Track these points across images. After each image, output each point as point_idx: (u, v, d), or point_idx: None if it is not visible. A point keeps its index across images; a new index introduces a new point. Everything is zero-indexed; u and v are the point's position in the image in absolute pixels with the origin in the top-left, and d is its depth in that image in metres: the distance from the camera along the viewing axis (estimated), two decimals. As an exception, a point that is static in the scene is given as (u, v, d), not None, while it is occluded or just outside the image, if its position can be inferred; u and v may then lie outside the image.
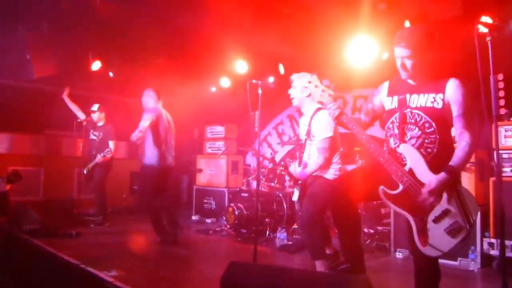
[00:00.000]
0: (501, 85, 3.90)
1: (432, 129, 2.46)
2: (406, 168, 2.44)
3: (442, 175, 2.32)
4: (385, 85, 2.79)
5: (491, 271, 4.00)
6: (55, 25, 5.49)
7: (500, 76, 3.91)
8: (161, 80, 7.67)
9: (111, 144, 6.53)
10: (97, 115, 6.72)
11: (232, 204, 5.95)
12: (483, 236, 4.05)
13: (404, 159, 2.49)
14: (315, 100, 2.78)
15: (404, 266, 4.38)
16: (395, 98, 2.64)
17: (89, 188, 6.77)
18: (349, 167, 6.05)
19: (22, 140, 6.72)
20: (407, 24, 5.06)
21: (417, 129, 2.50)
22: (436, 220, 2.35)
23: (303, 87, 3.71)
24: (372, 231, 5.43)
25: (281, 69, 6.88)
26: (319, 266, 3.67)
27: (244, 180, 6.79)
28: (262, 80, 4.53)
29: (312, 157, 3.74)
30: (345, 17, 5.15)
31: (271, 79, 7.26)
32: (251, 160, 8.05)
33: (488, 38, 2.30)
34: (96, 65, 6.72)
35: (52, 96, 5.51)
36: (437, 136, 2.46)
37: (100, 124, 6.76)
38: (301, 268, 3.74)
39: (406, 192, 2.41)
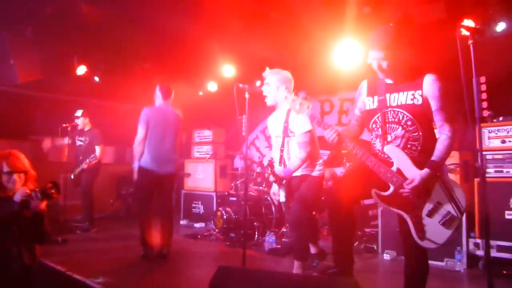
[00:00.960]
0: (483, 87, 3.97)
1: (414, 126, 2.54)
2: (394, 168, 2.52)
3: (425, 170, 2.42)
4: (364, 85, 2.83)
5: (477, 271, 4.05)
6: (39, 29, 5.43)
7: (483, 79, 3.99)
8: (148, 85, 7.63)
9: (98, 149, 6.46)
10: (81, 121, 6.64)
11: (220, 208, 5.93)
12: (468, 236, 4.10)
13: (390, 159, 2.56)
14: (297, 113, 2.78)
15: (391, 267, 4.41)
16: (375, 98, 2.69)
17: (75, 194, 6.68)
18: (337, 170, 6.10)
19: (6, 145, 6.56)
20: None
21: (400, 128, 2.57)
22: (430, 214, 2.45)
23: (279, 83, 3.66)
24: (360, 233, 5.46)
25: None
26: (297, 267, 3.68)
27: (232, 184, 6.79)
28: (249, 84, 4.53)
29: (293, 153, 3.71)
30: (331, 21, 5.19)
31: (258, 83, 7.27)
32: (239, 164, 8.05)
33: (470, 42, 2.34)
34: (81, 70, 6.65)
35: (36, 101, 5.43)
36: (420, 133, 2.54)
37: (86, 129, 6.69)
38: (290, 272, 3.73)
39: (397, 192, 2.49)
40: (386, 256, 4.70)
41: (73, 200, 6.85)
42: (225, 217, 5.76)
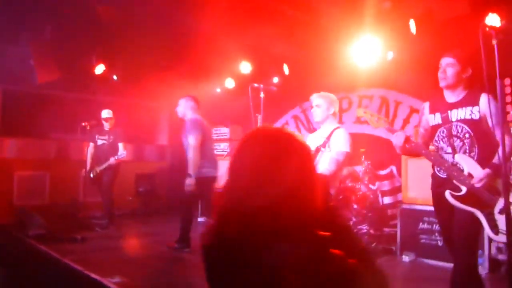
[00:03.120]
0: (508, 90, 3.81)
1: (470, 138, 2.79)
2: (465, 173, 2.73)
3: (487, 170, 2.65)
4: (426, 106, 3.11)
5: (499, 276, 3.91)
6: (57, 30, 5.48)
7: (507, 81, 3.83)
8: (165, 82, 7.67)
9: (121, 146, 6.53)
10: (112, 121, 6.71)
11: (237, 207, 5.90)
12: (491, 240, 3.96)
13: (460, 166, 2.78)
14: (370, 124, 3.15)
15: (410, 270, 4.30)
16: (438, 115, 2.95)
17: (94, 191, 6.77)
18: (357, 168, 5.99)
19: (28, 144, 6.74)
20: (412, 23, 4.99)
21: (458, 140, 2.83)
22: (502, 211, 2.57)
23: (329, 105, 3.86)
24: (378, 233, 5.35)
25: (286, 69, 6.82)
26: None
27: (249, 182, 6.74)
28: (266, 82, 4.48)
29: (321, 166, 3.72)
30: (349, 17, 5.08)
31: (275, 80, 7.20)
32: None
33: (494, 41, 2.22)
34: (99, 69, 6.70)
35: (56, 100, 5.51)
36: (476, 144, 2.77)
37: (107, 128, 6.74)
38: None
39: (470, 192, 2.67)
40: (405, 258, 4.59)
41: (92, 197, 6.95)
42: (242, 215, 5.73)
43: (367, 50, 5.39)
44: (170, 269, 4.29)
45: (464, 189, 2.71)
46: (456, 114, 2.85)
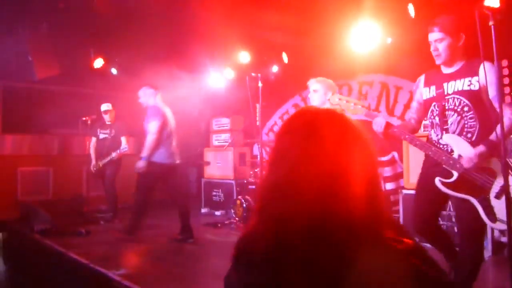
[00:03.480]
0: (505, 71, 3.77)
1: (471, 111, 2.56)
2: (455, 155, 2.55)
3: (480, 147, 2.45)
4: (422, 78, 2.93)
5: (502, 258, 3.92)
6: (54, 25, 5.45)
7: (505, 63, 3.78)
8: (164, 73, 7.64)
9: (124, 140, 6.54)
10: (112, 114, 6.71)
11: (240, 197, 5.93)
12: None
13: (450, 148, 2.61)
14: (347, 111, 2.89)
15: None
16: (433, 88, 2.77)
17: (98, 185, 6.80)
18: (383, 158, 5.97)
19: (30, 140, 6.77)
20: (411, 7, 4.94)
21: (455, 114, 2.61)
22: (498, 196, 2.42)
23: (326, 90, 3.82)
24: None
25: (285, 58, 6.78)
26: None
27: (252, 172, 6.76)
28: (265, 71, 4.46)
29: None
30: (347, 2, 5.02)
31: (275, 69, 7.17)
32: (258, 151, 8.01)
33: (491, 23, 2.19)
34: (98, 63, 6.69)
35: (56, 95, 5.51)
36: (477, 118, 2.56)
37: (108, 121, 6.74)
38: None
39: (462, 177, 2.51)
40: (408, 243, 4.59)
41: (96, 191, 6.98)
42: (244, 205, 5.76)
43: (365, 35, 5.34)
44: (174, 261, 4.32)
45: (455, 174, 2.53)
46: (454, 86, 2.64)
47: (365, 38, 5.39)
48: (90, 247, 4.77)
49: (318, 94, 3.86)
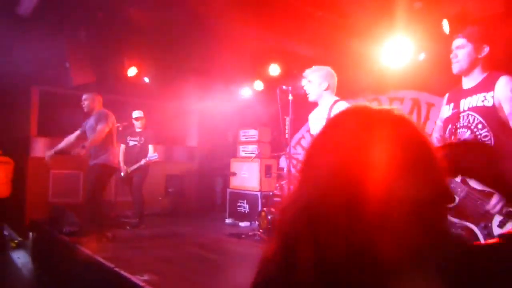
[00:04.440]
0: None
1: (485, 129, 2.39)
2: (458, 179, 2.34)
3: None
4: (446, 96, 2.83)
5: None
6: (92, 33, 5.65)
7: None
8: (195, 84, 7.78)
9: (151, 148, 6.65)
10: (143, 122, 6.85)
11: (264, 209, 5.91)
12: None
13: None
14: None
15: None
16: (451, 105, 2.66)
17: (125, 191, 6.92)
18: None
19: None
20: (445, 23, 4.86)
21: (469, 131, 2.45)
22: (501, 224, 2.20)
23: (321, 80, 3.56)
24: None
25: (315, 71, 6.77)
26: None
27: (277, 184, 6.73)
28: (294, 84, 4.47)
29: None
30: (379, 18, 5.00)
31: (304, 82, 7.16)
32: (284, 164, 7.99)
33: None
34: (132, 71, 6.86)
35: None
36: (491, 134, 2.37)
37: (138, 129, 6.88)
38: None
39: (463, 203, 2.31)
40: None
41: (123, 196, 7.11)
42: (269, 217, 5.73)
43: (397, 51, 5.28)
44: (196, 269, 4.33)
45: (456, 199, 2.32)
46: (469, 102, 2.49)
47: (397, 53, 5.33)
48: (116, 252, 4.84)
49: (312, 85, 3.57)
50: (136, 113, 6.83)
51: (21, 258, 6.12)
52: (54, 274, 5.19)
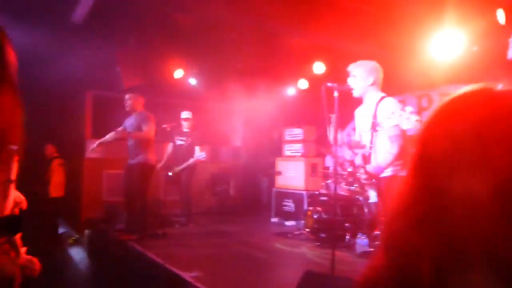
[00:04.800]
0: None
1: None
2: None
3: None
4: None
5: None
6: (140, 38, 5.85)
7: None
8: (241, 84, 7.85)
9: (197, 149, 6.79)
10: (191, 122, 6.99)
11: (310, 208, 5.85)
12: None
13: None
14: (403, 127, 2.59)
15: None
16: None
17: (174, 190, 7.10)
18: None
19: (114, 145, 7.25)
20: (500, 12, 4.60)
21: None
22: None
23: (366, 75, 3.47)
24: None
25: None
26: None
27: (323, 183, 6.65)
28: (340, 82, 4.39)
29: (382, 149, 3.47)
30: (428, 10, 4.82)
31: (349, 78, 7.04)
32: (330, 162, 7.88)
33: None
34: (178, 73, 7.03)
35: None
36: None
37: (186, 130, 7.03)
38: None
39: None
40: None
41: (172, 195, 7.30)
42: (315, 216, 5.67)
43: (448, 44, 5.07)
44: (243, 267, 4.37)
45: None
46: None
47: (447, 46, 5.12)
48: (166, 249, 4.98)
49: (357, 79, 3.51)
50: (185, 114, 6.99)
51: (77, 254, 6.44)
52: (108, 269, 5.42)
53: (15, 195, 2.25)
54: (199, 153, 6.68)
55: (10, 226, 1.38)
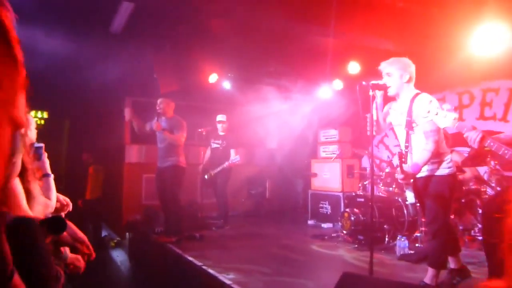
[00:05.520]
0: None
1: None
2: None
3: None
4: None
5: None
6: (176, 45, 5.97)
7: None
8: (274, 86, 7.86)
9: (232, 152, 6.83)
10: (225, 125, 7.03)
11: (347, 210, 5.77)
12: None
13: None
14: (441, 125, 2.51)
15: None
16: None
17: (210, 193, 7.17)
18: (481, 169, 5.43)
19: (152, 150, 7.43)
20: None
21: None
22: None
23: (402, 72, 3.41)
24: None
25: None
26: (431, 276, 3.34)
27: (360, 185, 6.54)
28: (376, 80, 4.29)
29: (419, 146, 3.37)
30: (467, 3, 4.64)
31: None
32: (367, 163, 7.74)
33: None
34: (213, 78, 7.11)
35: (176, 109, 6.01)
36: None
37: (221, 133, 7.10)
38: (424, 284, 3.42)
39: None
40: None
41: (209, 198, 7.38)
42: (352, 218, 5.58)
43: (490, 38, 4.86)
44: (279, 270, 4.35)
45: None
46: None
47: (489, 41, 4.91)
48: (203, 251, 5.04)
49: (393, 77, 3.41)
50: (219, 117, 7.04)
51: (119, 256, 6.63)
52: (148, 271, 5.55)
53: (62, 197, 2.36)
54: (234, 157, 6.72)
55: (54, 227, 1.44)
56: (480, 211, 4.88)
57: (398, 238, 5.17)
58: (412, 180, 3.43)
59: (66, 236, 1.55)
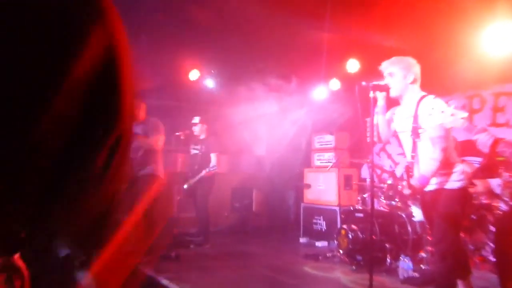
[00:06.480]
0: None
1: None
2: None
3: None
4: None
5: None
6: (152, 35, 5.97)
7: None
8: (263, 86, 7.90)
9: (213, 157, 6.77)
10: (199, 128, 7.01)
11: (344, 226, 5.82)
12: None
13: None
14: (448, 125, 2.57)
15: None
16: None
17: (189, 206, 7.15)
18: (493, 181, 5.54)
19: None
20: None
21: None
22: None
23: (405, 72, 3.48)
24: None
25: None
26: None
27: (359, 198, 6.59)
28: (377, 81, 4.36)
29: (426, 156, 3.42)
30: (479, 2, 4.77)
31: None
32: (366, 173, 7.82)
33: None
34: (194, 75, 7.12)
35: (149, 110, 5.99)
36: None
37: (202, 137, 7.08)
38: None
39: None
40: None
41: (187, 212, 7.36)
42: (350, 236, 5.64)
43: (502, 37, 5.00)
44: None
45: None
46: None
47: (502, 40, 5.05)
48: (179, 273, 5.04)
49: (396, 78, 3.49)
50: (194, 119, 7.01)
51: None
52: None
53: None
54: (211, 165, 6.66)
55: None
56: (492, 228, 4.98)
57: (401, 258, 5.24)
58: (419, 196, 3.49)
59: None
